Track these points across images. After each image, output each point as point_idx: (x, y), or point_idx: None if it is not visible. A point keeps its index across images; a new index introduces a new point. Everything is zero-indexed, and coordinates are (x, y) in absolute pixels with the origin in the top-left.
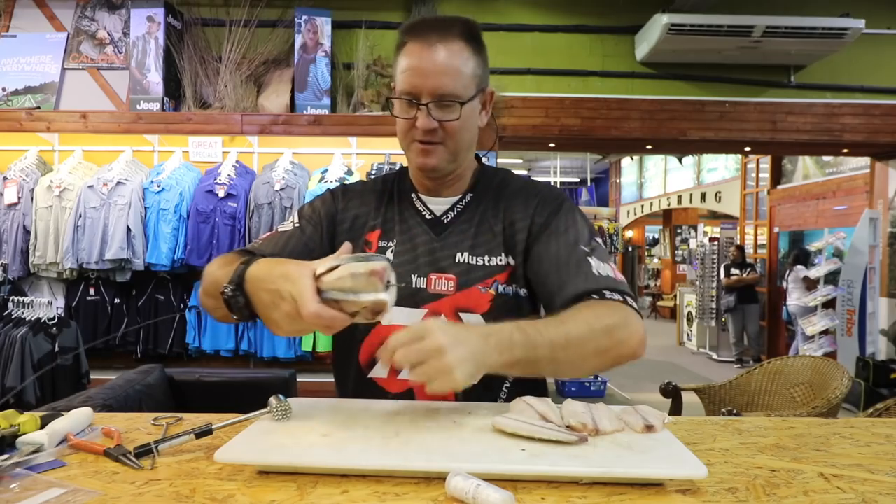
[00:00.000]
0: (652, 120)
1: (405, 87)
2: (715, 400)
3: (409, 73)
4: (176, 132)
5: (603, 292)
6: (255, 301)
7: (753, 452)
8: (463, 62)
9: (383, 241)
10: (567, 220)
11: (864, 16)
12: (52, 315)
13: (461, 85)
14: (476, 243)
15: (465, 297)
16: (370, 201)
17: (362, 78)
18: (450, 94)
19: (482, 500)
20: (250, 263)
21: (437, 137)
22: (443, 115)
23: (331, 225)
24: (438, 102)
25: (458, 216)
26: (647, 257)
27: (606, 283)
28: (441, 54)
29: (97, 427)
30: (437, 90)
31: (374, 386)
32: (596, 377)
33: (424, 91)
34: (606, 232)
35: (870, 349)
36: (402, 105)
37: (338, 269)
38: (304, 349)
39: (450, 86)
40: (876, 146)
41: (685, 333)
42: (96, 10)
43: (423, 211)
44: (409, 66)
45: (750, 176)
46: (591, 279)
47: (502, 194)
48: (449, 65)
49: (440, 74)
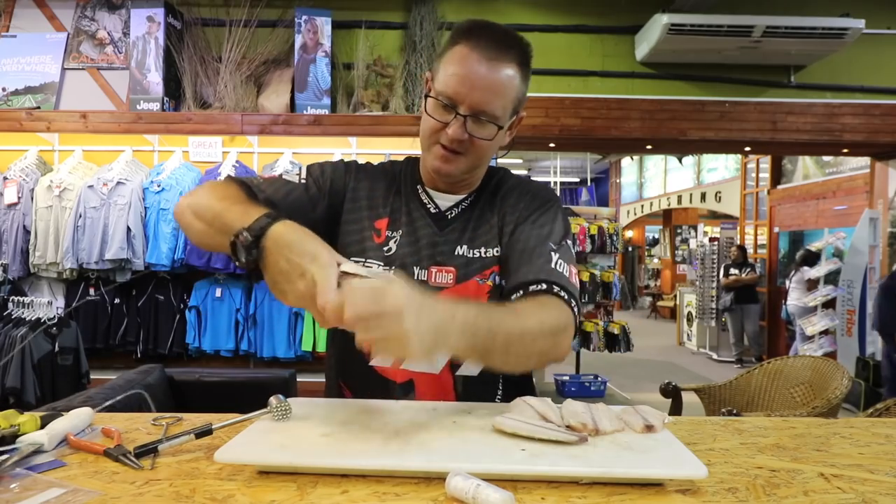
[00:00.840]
0: (652, 120)
1: (448, 90)
2: (715, 400)
3: (456, 79)
4: (176, 132)
5: (553, 286)
6: (269, 262)
7: (753, 452)
8: (511, 86)
9: (390, 231)
10: (547, 216)
11: (864, 16)
12: (52, 315)
13: (502, 107)
14: (474, 236)
15: (464, 290)
16: (380, 187)
17: (362, 78)
18: (490, 113)
19: (482, 500)
20: (275, 219)
21: (461, 148)
22: (476, 131)
23: (335, 196)
24: (476, 117)
25: (462, 213)
26: (647, 257)
27: (559, 279)
28: (494, 73)
29: (97, 427)
30: (480, 106)
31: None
32: (596, 377)
33: (467, 102)
34: (606, 232)
35: (870, 349)
36: (438, 106)
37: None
38: (304, 349)
39: (493, 105)
40: (876, 146)
41: (685, 333)
42: (96, 10)
43: (427, 204)
44: (459, 73)
45: (750, 176)
46: (545, 271)
47: (499, 190)
48: (498, 85)
49: (487, 91)
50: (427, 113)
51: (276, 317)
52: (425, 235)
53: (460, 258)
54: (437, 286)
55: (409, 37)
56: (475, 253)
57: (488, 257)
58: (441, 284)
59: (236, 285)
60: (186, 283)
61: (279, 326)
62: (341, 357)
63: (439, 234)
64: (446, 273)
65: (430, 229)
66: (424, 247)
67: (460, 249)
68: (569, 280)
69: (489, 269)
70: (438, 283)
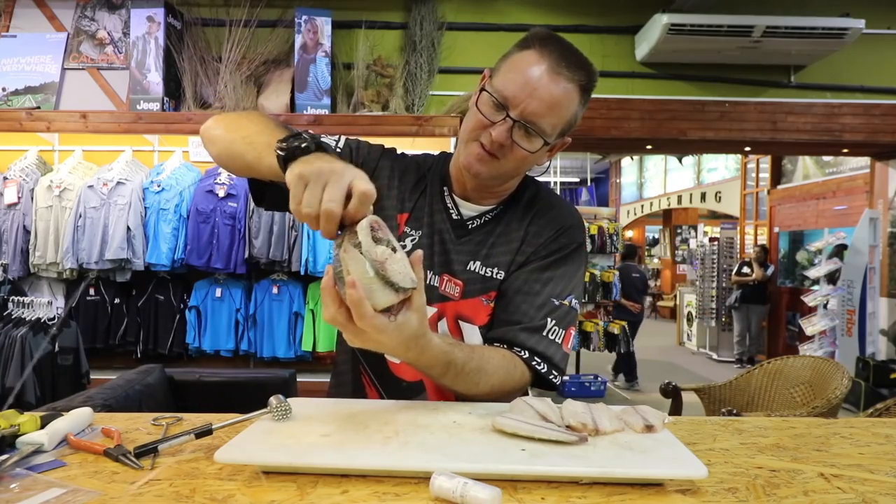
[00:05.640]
0: (652, 120)
1: (505, 91)
2: (715, 400)
3: (516, 81)
4: (176, 132)
5: (534, 359)
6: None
7: (753, 452)
8: (568, 106)
9: (409, 227)
10: (564, 268)
11: (864, 16)
12: (52, 315)
13: (553, 124)
14: (490, 253)
15: (467, 306)
16: (410, 181)
17: (362, 78)
18: (540, 126)
19: (471, 498)
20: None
21: (500, 153)
22: (521, 140)
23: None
24: (525, 125)
25: (483, 225)
26: (647, 257)
27: (544, 350)
28: (557, 86)
29: (97, 427)
30: (533, 116)
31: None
32: (596, 377)
33: (521, 107)
34: (606, 232)
35: (870, 349)
36: (490, 103)
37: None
38: (304, 349)
39: (545, 119)
40: (876, 146)
41: (685, 333)
42: (96, 10)
43: (451, 209)
44: (522, 75)
45: (750, 176)
46: (534, 338)
47: (531, 208)
48: (557, 100)
49: (544, 103)
50: (476, 107)
51: (276, 317)
52: (442, 241)
53: (471, 273)
54: (445, 295)
55: (409, 37)
56: (487, 272)
57: (497, 279)
58: (448, 295)
59: (236, 285)
60: (186, 283)
61: (279, 326)
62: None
63: (456, 242)
64: (455, 285)
65: (448, 235)
66: (439, 253)
67: (473, 265)
68: (559, 348)
69: (495, 291)
70: (447, 292)
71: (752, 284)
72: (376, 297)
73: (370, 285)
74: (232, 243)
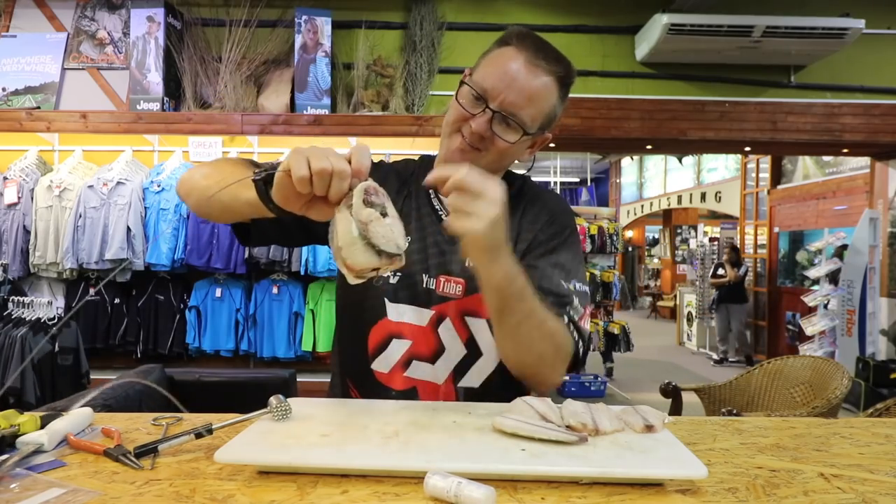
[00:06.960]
0: (652, 120)
1: (484, 83)
2: (715, 400)
3: (495, 73)
4: (176, 132)
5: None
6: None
7: (753, 452)
8: (547, 97)
9: None
10: (566, 254)
11: (864, 16)
12: (52, 315)
13: (532, 116)
14: None
15: (472, 302)
16: (391, 189)
17: (362, 78)
18: (519, 118)
19: (465, 497)
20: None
21: (481, 145)
22: (500, 132)
23: None
24: (504, 117)
25: None
26: (647, 257)
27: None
28: (534, 78)
29: (97, 427)
30: (511, 106)
31: (375, 380)
32: (596, 377)
33: (499, 99)
34: (606, 232)
35: (870, 349)
36: (469, 96)
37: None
38: (304, 349)
39: (524, 110)
40: (876, 146)
41: (685, 333)
42: (96, 10)
43: (439, 211)
44: (499, 69)
45: (750, 176)
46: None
47: (520, 202)
48: (534, 91)
49: (523, 94)
50: (456, 99)
51: (276, 317)
52: (434, 243)
53: (470, 270)
54: (445, 296)
55: (409, 37)
56: None
57: None
58: (449, 295)
59: (236, 285)
60: (186, 283)
61: (279, 326)
62: (345, 359)
63: (450, 242)
64: (455, 284)
65: (439, 236)
66: (433, 255)
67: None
68: (578, 323)
69: None
70: (446, 293)
71: (728, 285)
72: (356, 257)
73: (352, 245)
74: (232, 243)
